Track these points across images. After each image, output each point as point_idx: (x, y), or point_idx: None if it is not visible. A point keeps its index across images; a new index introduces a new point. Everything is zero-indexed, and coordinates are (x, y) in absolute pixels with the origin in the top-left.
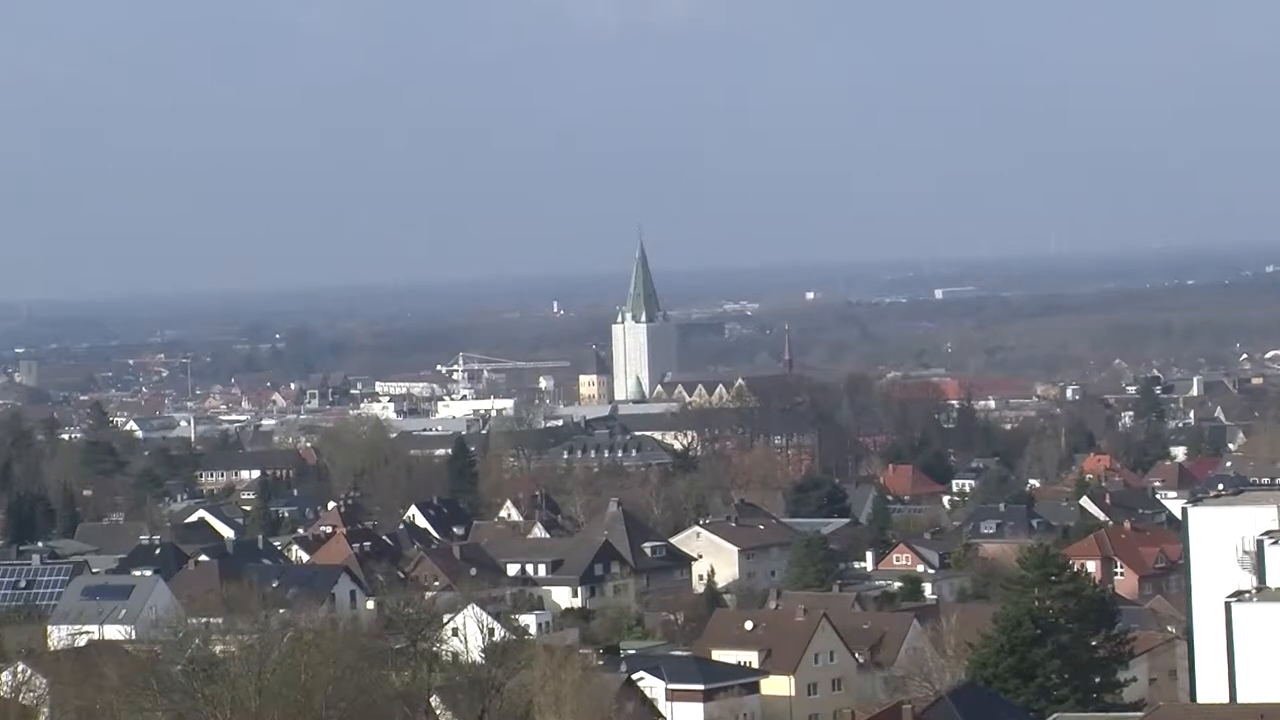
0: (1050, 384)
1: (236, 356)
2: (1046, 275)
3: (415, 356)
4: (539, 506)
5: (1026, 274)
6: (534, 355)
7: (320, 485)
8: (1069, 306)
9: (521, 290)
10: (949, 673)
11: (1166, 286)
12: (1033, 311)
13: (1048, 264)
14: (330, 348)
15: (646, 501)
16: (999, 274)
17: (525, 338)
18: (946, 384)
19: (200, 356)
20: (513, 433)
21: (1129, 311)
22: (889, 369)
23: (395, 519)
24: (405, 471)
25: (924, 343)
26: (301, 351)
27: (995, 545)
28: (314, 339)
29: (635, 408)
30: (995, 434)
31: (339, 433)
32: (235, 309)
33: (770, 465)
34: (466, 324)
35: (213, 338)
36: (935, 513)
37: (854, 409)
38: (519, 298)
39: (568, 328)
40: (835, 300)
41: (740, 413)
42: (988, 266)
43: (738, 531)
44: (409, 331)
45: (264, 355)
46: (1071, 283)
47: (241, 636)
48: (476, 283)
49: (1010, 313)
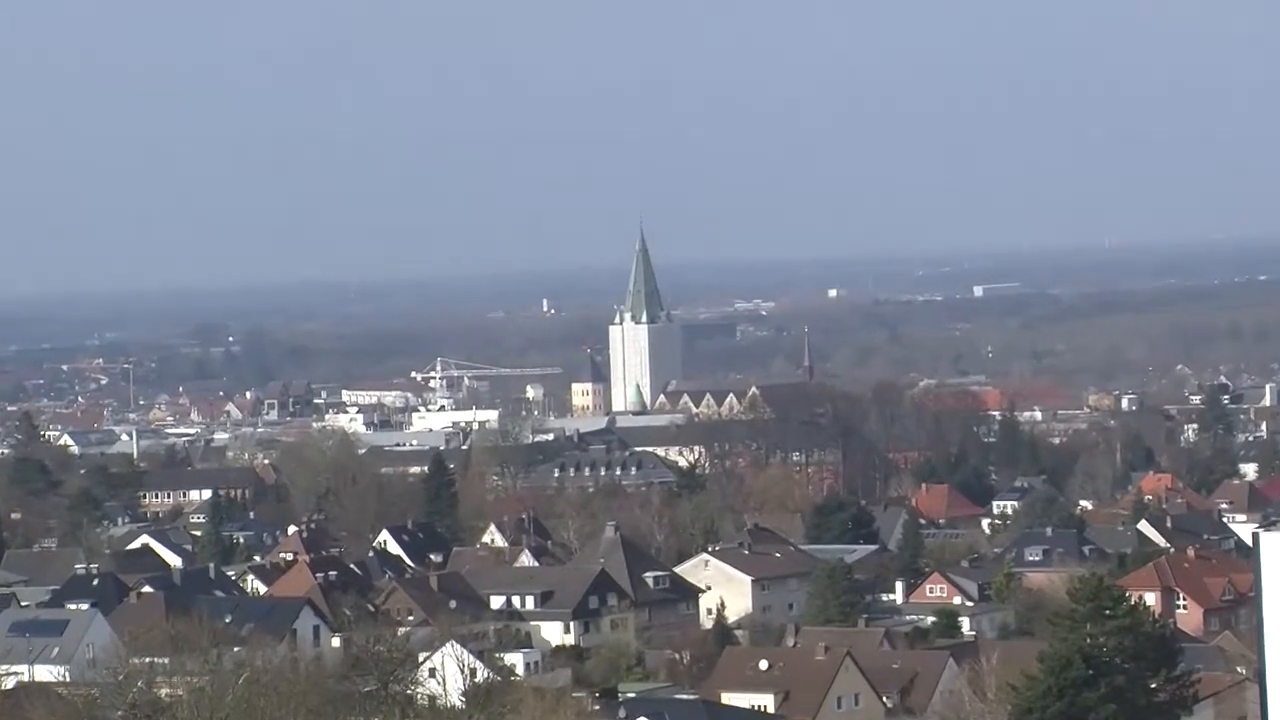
0: (1104, 392)
1: (185, 361)
2: (1099, 270)
3: (387, 362)
4: (526, 531)
5: (1076, 268)
6: (521, 360)
7: (280, 507)
8: (1124, 305)
9: (507, 287)
10: (989, 719)
11: (1235, 282)
12: (1084, 311)
13: (1100, 257)
14: (291, 352)
15: (648, 526)
16: (1046, 269)
17: (511, 341)
18: (986, 393)
19: (144, 361)
20: (497, 448)
21: (1192, 310)
22: (921, 376)
23: (364, 545)
24: (375, 492)
25: (961, 346)
26: (258, 356)
27: (1042, 575)
28: (272, 342)
29: (635, 420)
30: (1042, 449)
31: (301, 448)
32: (183, 308)
33: (788, 485)
34: (444, 325)
35: (158, 340)
36: (974, 538)
37: (882, 421)
38: (504, 295)
39: (559, 329)
40: (861, 298)
41: (754, 425)
42: (1033, 260)
43: (751, 560)
44: (379, 334)
45: (216, 360)
46: (1127, 278)
47: (190, 679)
48: (456, 279)
49: (1059, 312)
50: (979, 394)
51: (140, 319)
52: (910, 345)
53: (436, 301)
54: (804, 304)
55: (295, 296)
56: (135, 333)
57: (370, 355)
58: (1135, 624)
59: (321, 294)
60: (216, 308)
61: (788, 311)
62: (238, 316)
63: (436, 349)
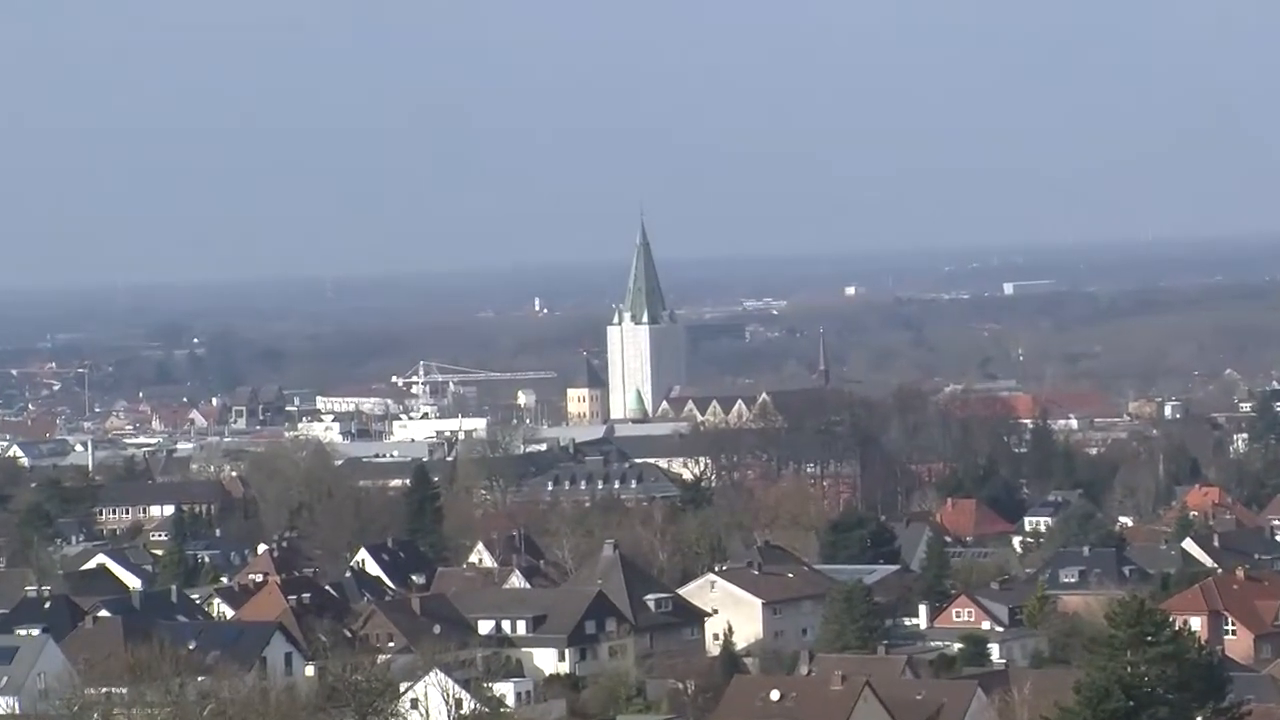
0: (1145, 399)
1: (145, 365)
2: (1139, 266)
3: (365, 366)
4: (517, 550)
5: (1115, 264)
6: (511, 364)
7: (248, 524)
8: (1167, 303)
9: (496, 285)
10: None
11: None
12: (1123, 310)
13: (1141, 252)
14: (261, 355)
15: (649, 544)
16: (1082, 264)
17: (501, 342)
18: (1017, 399)
19: (100, 365)
20: (485, 459)
21: (1241, 309)
22: (947, 381)
23: (341, 565)
24: (353, 507)
25: (990, 348)
26: (225, 359)
27: (1078, 597)
28: (241, 344)
29: (636, 428)
30: (1078, 461)
31: (271, 459)
32: (143, 307)
33: (801, 499)
34: (428, 325)
35: (115, 342)
36: (1004, 557)
37: (904, 430)
38: (493, 293)
39: (553, 330)
40: (881, 297)
41: (764, 435)
42: (1068, 255)
43: (762, 581)
44: (357, 335)
45: (179, 364)
46: (1170, 274)
47: (151, 710)
48: (440, 275)
49: (1096, 312)
50: (1009, 400)
51: (96, 319)
52: (935, 347)
53: (419, 300)
54: (819, 303)
55: (266, 294)
56: (91, 334)
57: (347, 358)
58: (1179, 651)
59: (294, 291)
60: (180, 306)
61: (801, 311)
62: (203, 316)
63: (419, 351)
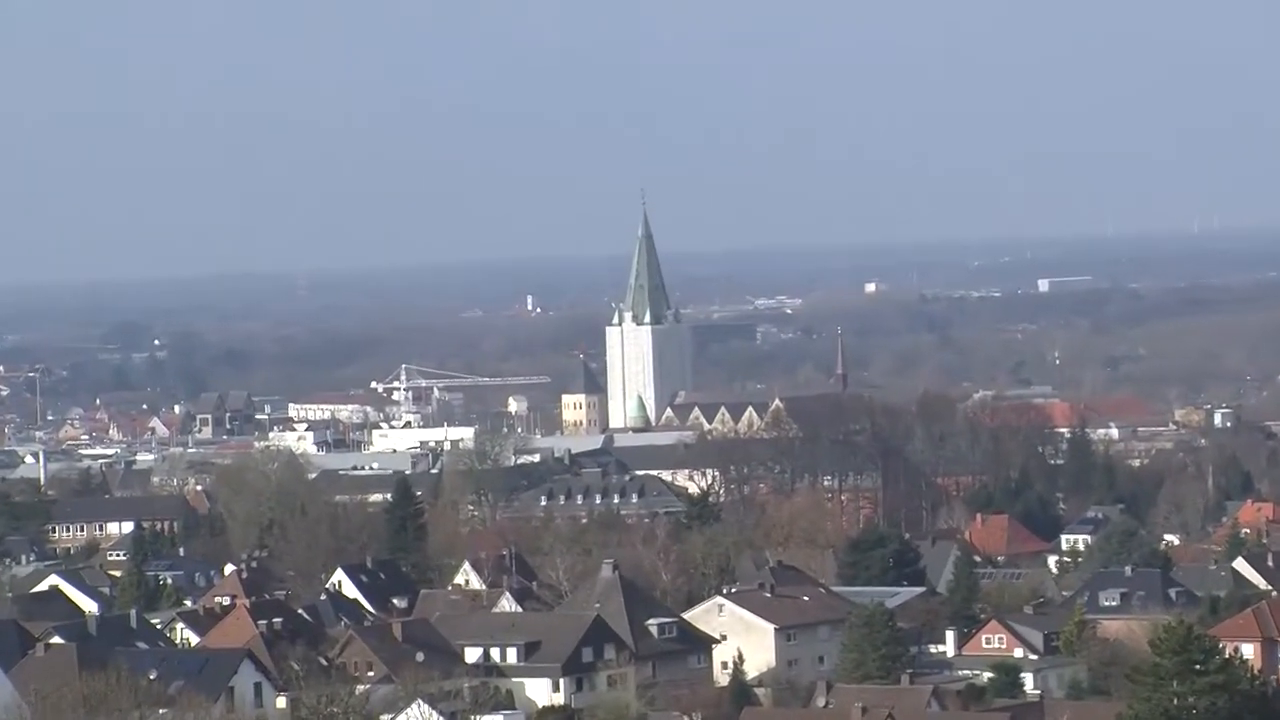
0: (1193, 406)
1: (102, 369)
2: (1187, 261)
3: (342, 370)
4: (508, 570)
5: (1160, 259)
6: (501, 368)
7: (215, 542)
8: (1217, 302)
9: (484, 281)
10: None
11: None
12: (1169, 309)
13: (1188, 245)
14: (227, 358)
15: (652, 564)
16: (1124, 259)
17: (489, 344)
18: (1053, 406)
19: (53, 369)
20: (473, 472)
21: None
22: (976, 386)
23: (315, 587)
24: (329, 524)
25: (1023, 351)
26: (189, 363)
27: (1120, 622)
28: (205, 346)
29: (637, 438)
30: (1119, 473)
31: (240, 472)
32: (100, 305)
33: (818, 515)
34: (410, 325)
35: (70, 344)
36: (1038, 579)
37: (930, 440)
38: (481, 291)
39: (546, 331)
40: (905, 294)
41: (777, 445)
42: (1109, 249)
43: (774, 604)
44: (333, 336)
45: (138, 368)
46: (1219, 270)
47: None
48: (423, 270)
49: (1139, 310)
50: (1044, 408)
51: (48, 318)
52: (963, 350)
53: (401, 297)
54: (836, 301)
55: (233, 292)
56: (43, 335)
57: (322, 362)
58: (1230, 681)
59: (264, 288)
60: (139, 305)
61: (817, 310)
62: (164, 315)
63: (401, 354)
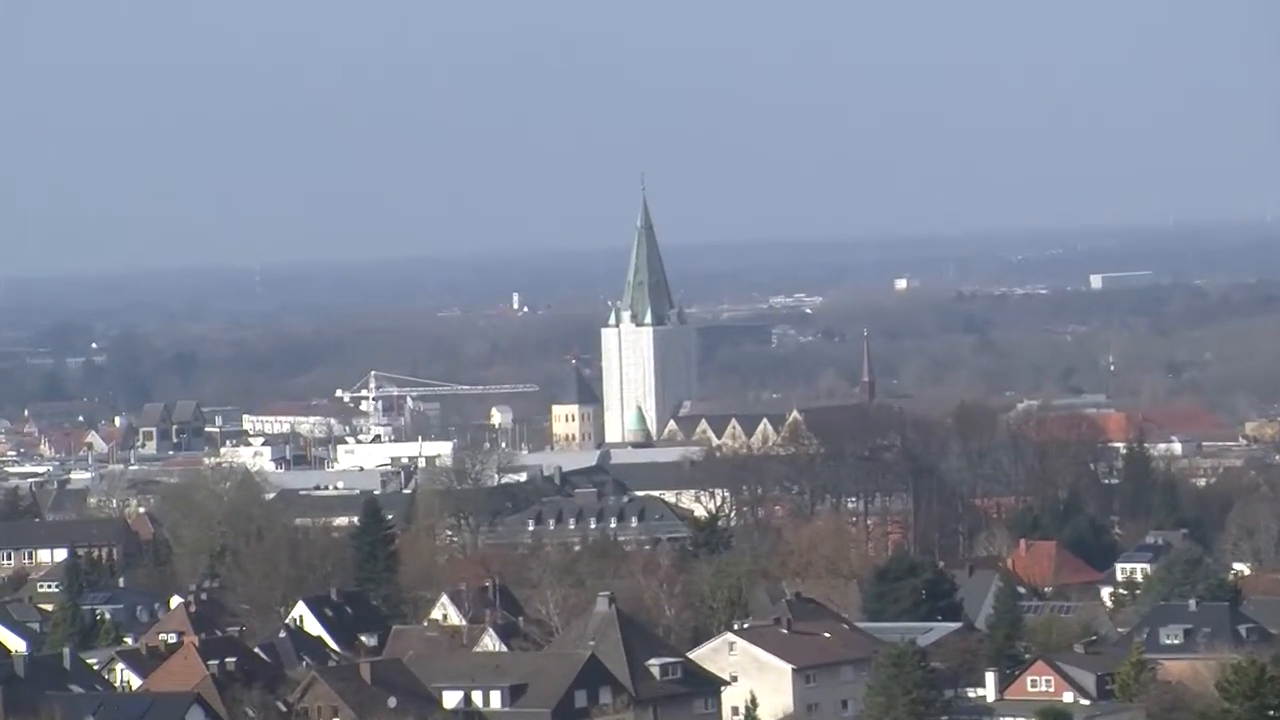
0: (1266, 418)
1: (32, 376)
2: (1258, 253)
3: (303, 377)
4: (491, 604)
5: (1228, 251)
6: (483, 375)
7: (159, 572)
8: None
9: (464, 277)
10: None
11: None
12: (1238, 308)
13: (1260, 235)
14: (174, 363)
15: (654, 597)
16: (1189, 251)
17: (470, 348)
18: (1108, 418)
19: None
20: (451, 492)
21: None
22: (1020, 396)
23: (273, 623)
24: (288, 551)
25: (1073, 356)
26: (131, 369)
27: (1183, 662)
28: (149, 350)
29: (636, 454)
30: (1182, 494)
31: (188, 492)
32: (28, 305)
33: (841, 542)
34: (380, 327)
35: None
36: (1091, 613)
37: (967, 457)
38: (460, 287)
39: (534, 333)
40: (939, 291)
41: (796, 462)
42: (1172, 240)
43: (792, 642)
44: (293, 339)
45: (74, 374)
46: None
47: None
48: (395, 264)
49: (1204, 310)
50: (1097, 420)
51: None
52: (1005, 354)
53: (370, 295)
54: (862, 299)
55: (180, 288)
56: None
57: (281, 368)
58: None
59: (216, 284)
60: (74, 304)
61: (840, 309)
62: (104, 316)
63: (369, 359)
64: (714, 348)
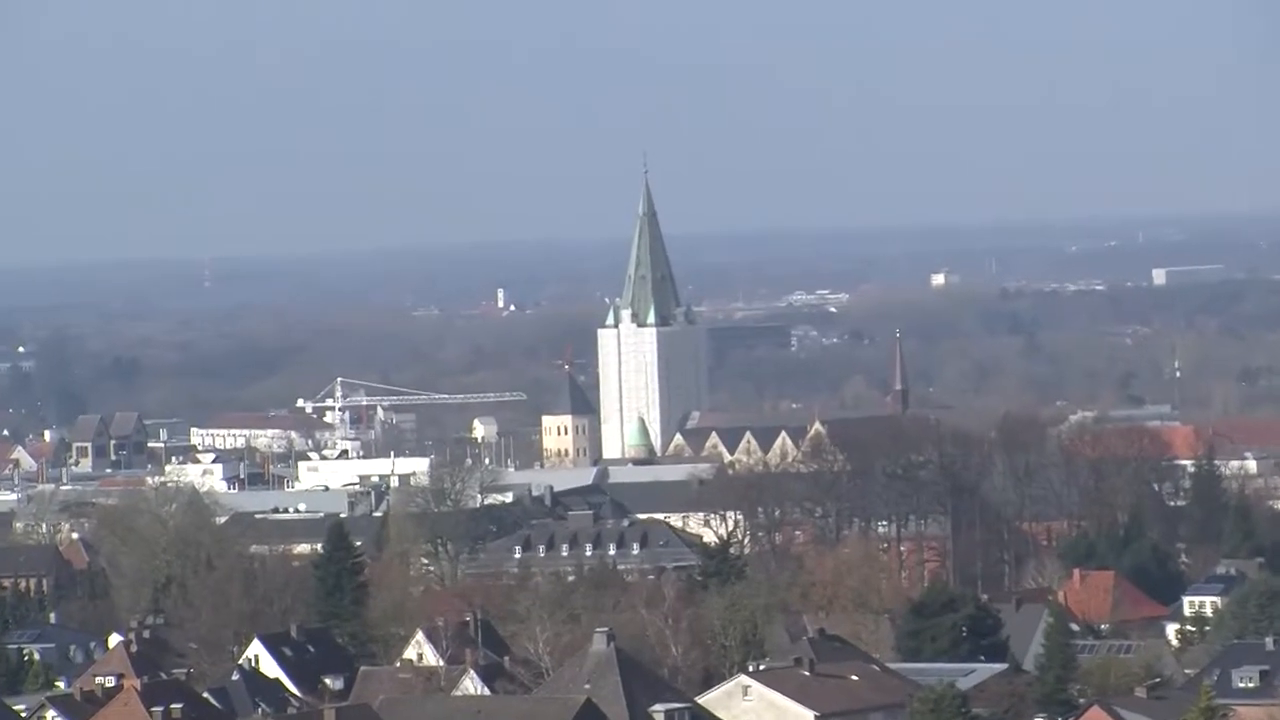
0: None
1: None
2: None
3: (259, 385)
4: (472, 642)
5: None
6: (464, 383)
7: (96, 606)
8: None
9: (443, 271)
10: None
11: None
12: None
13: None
14: (113, 369)
15: (658, 633)
16: (1263, 241)
17: (450, 352)
18: (1173, 432)
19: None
20: (427, 515)
21: None
22: (1073, 406)
23: (225, 663)
24: (242, 583)
25: (1134, 360)
26: (63, 376)
27: (1259, 709)
28: (85, 355)
29: (638, 472)
30: (1257, 518)
31: (129, 515)
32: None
33: (870, 571)
34: (348, 328)
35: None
36: (1154, 653)
37: (1013, 475)
38: (438, 283)
39: (522, 335)
40: (982, 288)
41: (819, 481)
42: (1244, 231)
43: (814, 685)
44: (248, 342)
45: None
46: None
47: None
48: (365, 258)
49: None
50: (1161, 433)
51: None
52: (1056, 359)
53: (335, 292)
54: (894, 297)
55: (119, 284)
56: None
57: (234, 375)
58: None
59: (159, 280)
60: (0, 302)
61: (869, 308)
62: (31, 315)
63: (335, 365)
64: (726, 351)
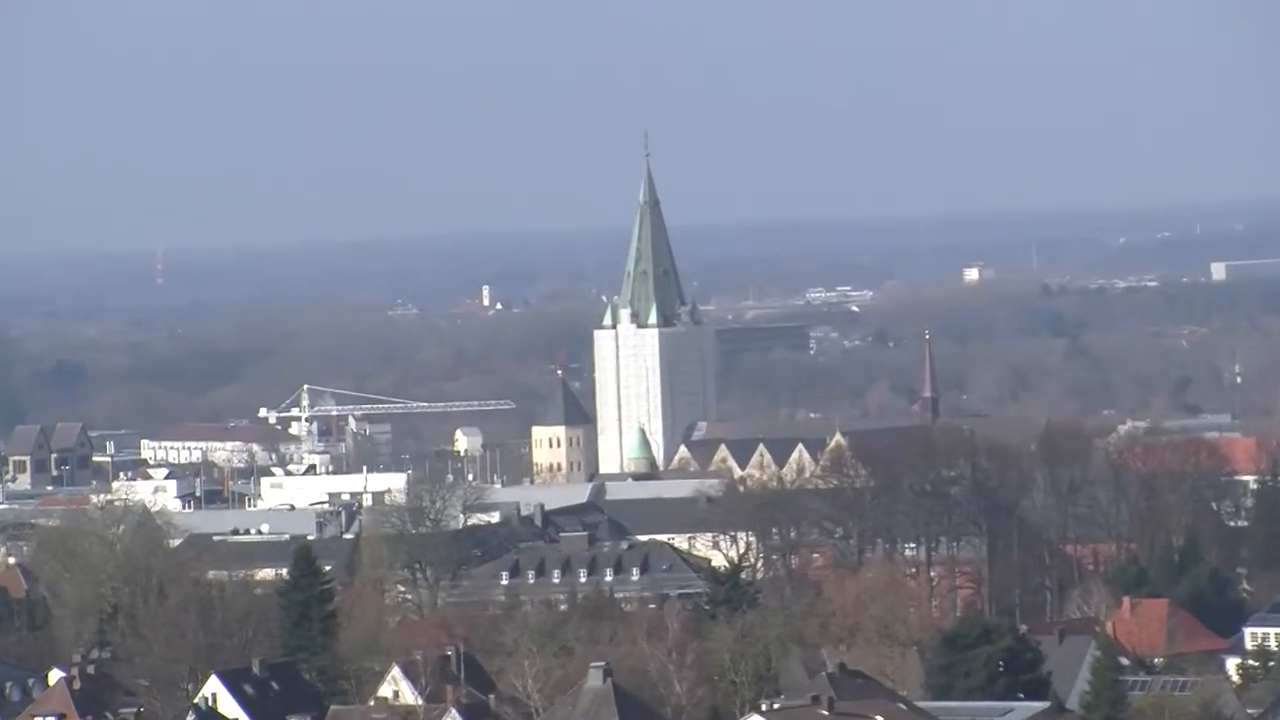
0: None
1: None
2: None
3: (217, 392)
4: (454, 678)
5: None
6: (445, 390)
7: (35, 639)
8: None
9: (422, 266)
10: None
11: None
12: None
13: None
14: (54, 375)
15: (661, 668)
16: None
17: (429, 355)
18: (1234, 444)
19: None
20: (405, 537)
21: None
22: (1122, 415)
23: (180, 702)
24: (199, 612)
25: (1189, 364)
26: (0, 382)
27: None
28: (24, 357)
29: (638, 488)
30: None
31: (72, 538)
32: None
33: (897, 599)
34: (316, 329)
35: None
36: (1213, 690)
37: (1055, 492)
38: (417, 279)
39: (510, 337)
40: (1020, 284)
41: (839, 499)
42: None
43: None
44: (205, 344)
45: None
46: None
47: None
48: (334, 251)
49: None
50: (1220, 445)
51: None
52: (1102, 363)
53: (300, 289)
54: (922, 294)
55: (61, 279)
56: None
57: (190, 381)
58: None
59: (106, 276)
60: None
61: (895, 306)
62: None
63: (302, 370)
64: (736, 354)
